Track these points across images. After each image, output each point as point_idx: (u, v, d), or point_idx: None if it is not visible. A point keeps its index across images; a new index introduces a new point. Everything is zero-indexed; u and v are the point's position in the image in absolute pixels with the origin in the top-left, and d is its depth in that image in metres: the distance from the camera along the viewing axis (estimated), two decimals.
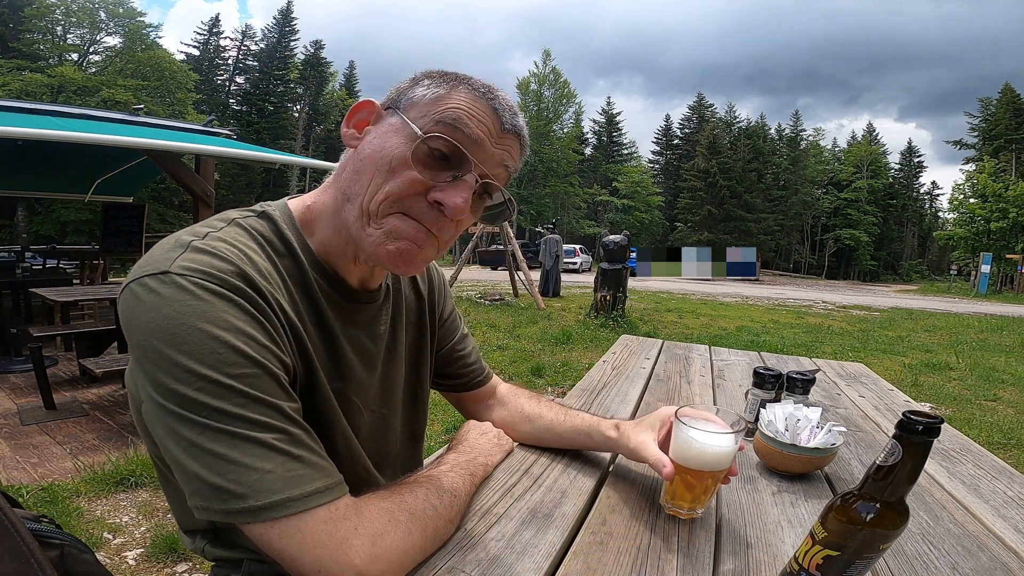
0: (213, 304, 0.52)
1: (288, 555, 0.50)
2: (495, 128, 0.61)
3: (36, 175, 6.57)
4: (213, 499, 0.49)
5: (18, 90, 20.73)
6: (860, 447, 1.10)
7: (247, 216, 0.64)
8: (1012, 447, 3.43)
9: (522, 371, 4.83)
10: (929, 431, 0.49)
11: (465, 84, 0.61)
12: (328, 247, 0.67)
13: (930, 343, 7.56)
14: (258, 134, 37.20)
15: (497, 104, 0.61)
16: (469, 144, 0.59)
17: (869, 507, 0.53)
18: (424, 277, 0.88)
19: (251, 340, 0.52)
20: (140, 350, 0.51)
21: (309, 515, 0.50)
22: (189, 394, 0.49)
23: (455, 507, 0.65)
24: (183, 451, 0.50)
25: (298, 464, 0.51)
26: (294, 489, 0.50)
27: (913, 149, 54.90)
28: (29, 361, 3.65)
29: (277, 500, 0.49)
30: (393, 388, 0.80)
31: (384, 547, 0.53)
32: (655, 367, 1.67)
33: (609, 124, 51.88)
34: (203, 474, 0.49)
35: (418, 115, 0.60)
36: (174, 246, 0.55)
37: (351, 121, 0.65)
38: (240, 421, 0.49)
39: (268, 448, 0.50)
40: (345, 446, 0.69)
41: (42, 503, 2.19)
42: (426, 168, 0.59)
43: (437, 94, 0.60)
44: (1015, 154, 35.68)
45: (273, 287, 0.59)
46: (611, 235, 7.75)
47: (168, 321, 0.50)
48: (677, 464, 0.71)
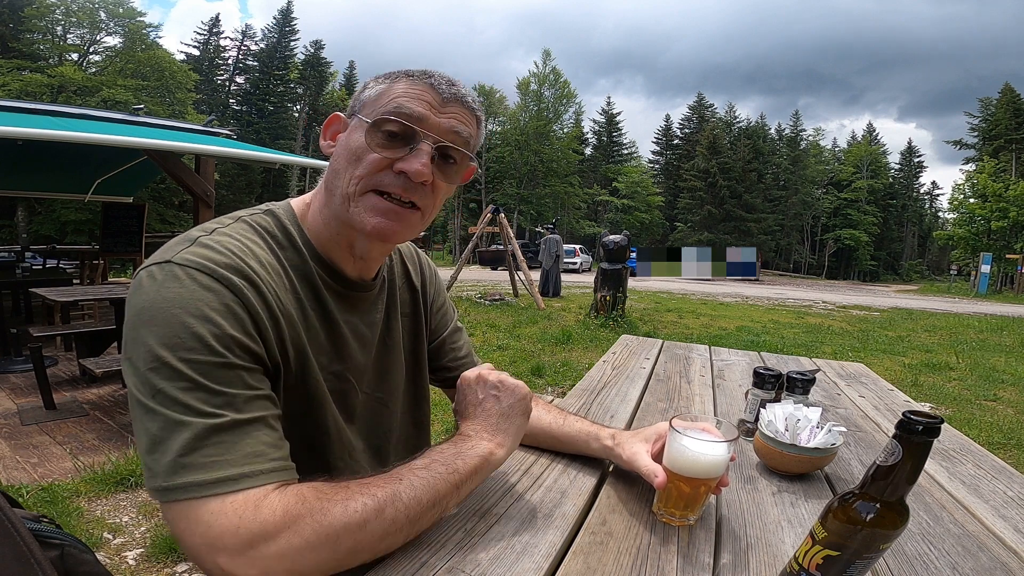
0: (195, 292, 0.57)
1: (177, 538, 0.53)
2: (435, 100, 0.68)
3: (36, 175, 6.57)
4: (145, 474, 0.54)
5: (18, 90, 20.70)
6: (860, 447, 1.09)
7: (254, 214, 0.72)
8: (1012, 447, 3.43)
9: (522, 371, 4.83)
10: (929, 431, 0.49)
11: (403, 75, 0.69)
12: (324, 241, 0.73)
13: (930, 343, 7.56)
14: (258, 134, 37.21)
15: (432, 81, 0.68)
16: (413, 119, 0.66)
17: (869, 507, 0.53)
18: (417, 270, 0.93)
19: (217, 330, 0.56)
20: (127, 329, 0.57)
21: (201, 503, 0.51)
22: (144, 372, 0.54)
23: (400, 521, 0.57)
24: (135, 425, 0.55)
25: (218, 450, 0.52)
26: (198, 475, 0.51)
27: (913, 149, 54.96)
28: (29, 361, 3.65)
29: (178, 484, 0.51)
30: (389, 374, 0.84)
31: (265, 553, 0.51)
32: (655, 367, 1.67)
33: (609, 124, 51.87)
34: (141, 450, 0.54)
35: (369, 112, 0.68)
36: (183, 240, 0.62)
37: (327, 135, 0.74)
38: (177, 405, 0.53)
39: (193, 435, 0.52)
40: (336, 427, 0.73)
41: (42, 503, 2.19)
42: (383, 148, 0.67)
43: (380, 90, 0.69)
44: (1015, 154, 35.66)
45: (273, 278, 0.65)
46: (611, 235, 7.74)
47: (152, 304, 0.56)
48: (670, 471, 0.72)
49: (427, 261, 0.97)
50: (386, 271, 0.84)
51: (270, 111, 40.25)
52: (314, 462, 0.70)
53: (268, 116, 39.96)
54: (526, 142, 39.31)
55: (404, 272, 0.90)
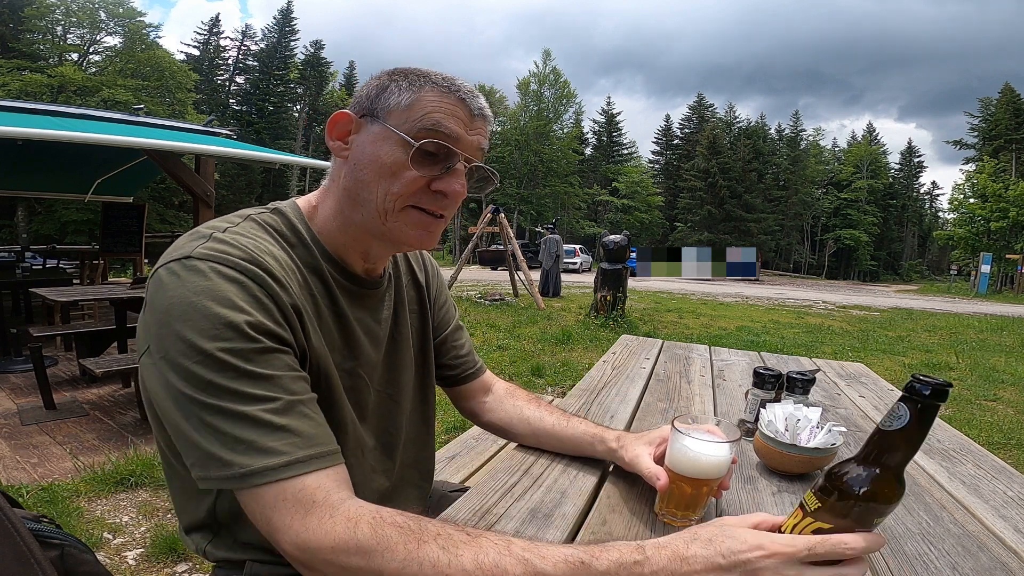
0: (220, 285, 0.57)
1: (257, 520, 0.55)
2: (467, 117, 0.68)
3: (36, 175, 6.57)
4: (210, 467, 0.54)
5: (18, 90, 20.71)
6: (860, 447, 1.09)
7: (261, 212, 0.71)
8: (1012, 447, 3.43)
9: (522, 371, 4.83)
10: (938, 394, 0.47)
11: (428, 82, 0.67)
12: (335, 242, 0.73)
13: (930, 343, 7.56)
14: (258, 134, 37.21)
15: (462, 94, 0.68)
16: (452, 140, 0.67)
17: (870, 475, 0.50)
18: (421, 267, 0.93)
19: (250, 317, 0.57)
20: (156, 326, 0.57)
21: (280, 485, 0.54)
22: (190, 367, 0.54)
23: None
24: (186, 421, 0.55)
25: (281, 435, 0.55)
26: (271, 459, 0.53)
27: (913, 149, 54.98)
28: (29, 361, 3.65)
29: (255, 468, 0.53)
30: (398, 370, 0.84)
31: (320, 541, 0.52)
32: (655, 367, 1.67)
33: (609, 124, 51.87)
34: (202, 444, 0.54)
35: (400, 122, 0.66)
36: (197, 236, 0.62)
37: (334, 133, 0.71)
38: (231, 395, 0.54)
39: (253, 421, 0.54)
40: (351, 424, 0.73)
41: (42, 503, 2.19)
42: (423, 167, 0.66)
43: (410, 100, 0.66)
44: (1015, 154, 35.67)
45: (287, 273, 0.65)
46: (611, 235, 7.74)
47: (181, 299, 0.56)
48: (671, 472, 0.72)
49: (430, 258, 0.97)
50: (391, 268, 0.84)
51: (270, 111, 40.25)
52: None
53: (268, 116, 39.96)
54: (526, 142, 39.31)
55: (409, 269, 0.90)
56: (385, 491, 0.82)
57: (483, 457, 2.06)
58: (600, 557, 0.51)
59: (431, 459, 0.95)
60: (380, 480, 0.81)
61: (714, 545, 0.52)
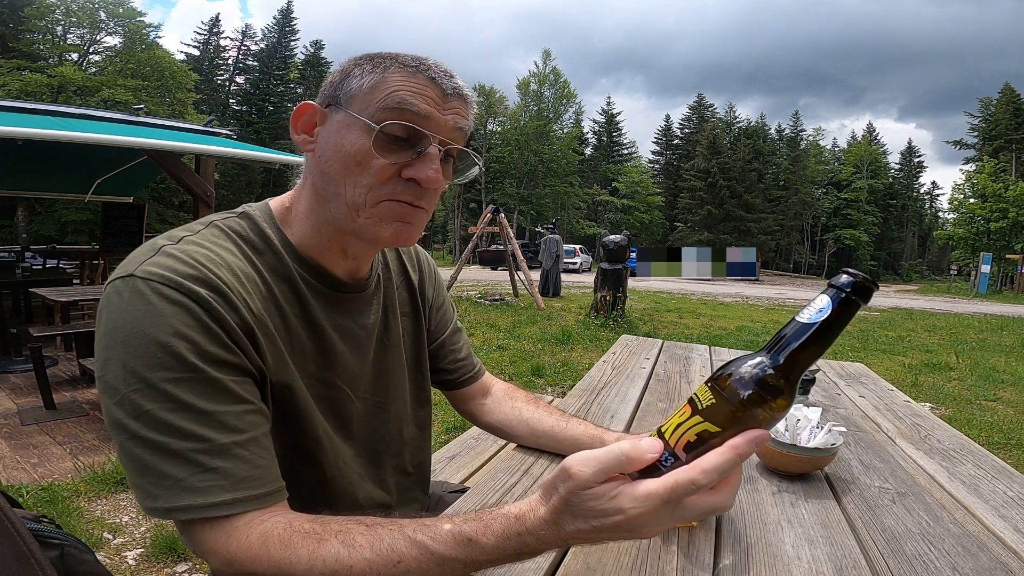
0: (162, 309, 0.54)
1: (185, 541, 0.57)
2: (438, 97, 0.62)
3: (36, 175, 6.56)
4: (139, 495, 0.54)
5: (18, 90, 20.69)
6: (860, 447, 1.09)
7: (227, 217, 0.67)
8: (1012, 447, 3.43)
9: (522, 371, 4.83)
10: (864, 290, 0.44)
11: (395, 63, 0.62)
12: (309, 244, 0.69)
13: (930, 343, 7.56)
14: (258, 134, 37.19)
15: (432, 73, 0.62)
16: (420, 120, 0.61)
17: (780, 372, 0.44)
18: (415, 267, 0.89)
19: (193, 346, 0.54)
20: (101, 348, 0.55)
21: (201, 525, 0.54)
22: (128, 394, 0.53)
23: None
24: (120, 447, 0.55)
25: (209, 476, 0.53)
26: (197, 498, 0.53)
27: (913, 149, 54.98)
28: (29, 361, 3.65)
29: (179, 506, 0.53)
30: (388, 375, 0.81)
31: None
32: (655, 367, 1.67)
33: (609, 124, 51.87)
34: (131, 473, 0.54)
35: (363, 107, 0.61)
36: (147, 250, 0.58)
37: (298, 126, 0.66)
38: (164, 428, 0.53)
39: (183, 459, 0.53)
40: (325, 435, 0.70)
41: (42, 503, 2.19)
42: (390, 153, 0.61)
43: (373, 81, 0.61)
44: (1015, 154, 35.69)
45: (245, 286, 0.61)
46: (611, 235, 7.74)
47: (123, 324, 0.54)
48: None
49: (426, 258, 0.93)
50: (380, 269, 0.80)
51: (270, 111, 40.23)
52: (306, 471, 0.69)
53: (268, 116, 39.94)
54: (526, 142, 39.29)
55: (401, 269, 0.86)
56: (378, 498, 0.80)
57: (483, 457, 2.06)
58: (486, 532, 0.50)
59: (427, 463, 0.93)
60: (371, 488, 0.79)
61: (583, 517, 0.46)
